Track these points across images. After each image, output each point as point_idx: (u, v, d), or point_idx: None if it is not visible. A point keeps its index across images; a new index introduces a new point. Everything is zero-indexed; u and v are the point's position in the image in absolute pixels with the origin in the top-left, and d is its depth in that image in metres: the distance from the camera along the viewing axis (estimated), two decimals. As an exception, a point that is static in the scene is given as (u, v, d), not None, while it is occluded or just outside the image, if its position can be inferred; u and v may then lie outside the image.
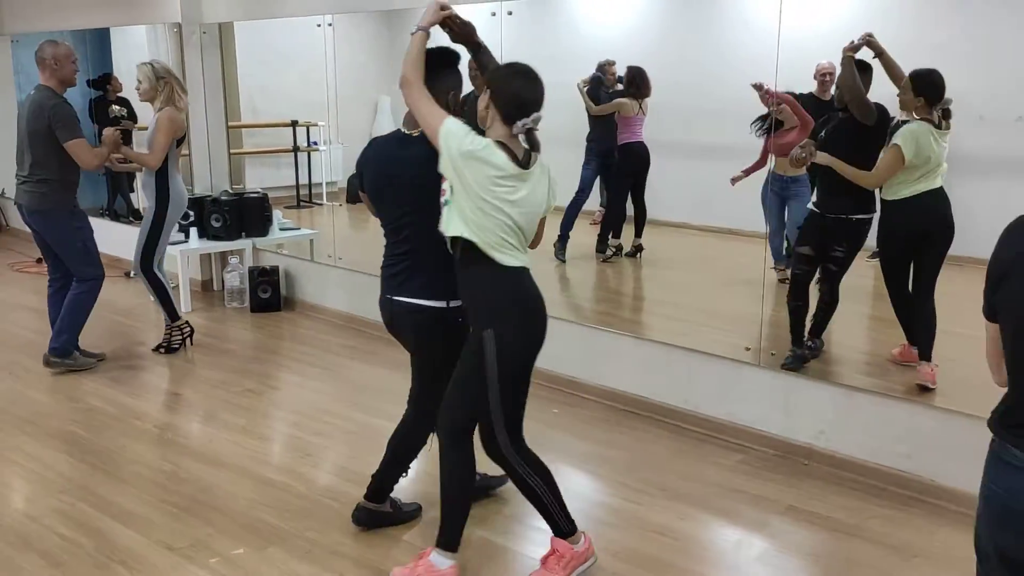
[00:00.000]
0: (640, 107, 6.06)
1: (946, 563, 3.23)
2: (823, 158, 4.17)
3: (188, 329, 5.57)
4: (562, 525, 3.05)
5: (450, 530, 2.99)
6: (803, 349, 4.38)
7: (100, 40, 8.69)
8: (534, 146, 2.81)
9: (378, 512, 3.39)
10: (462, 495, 3.01)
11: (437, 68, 2.93)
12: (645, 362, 4.61)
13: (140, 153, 5.30)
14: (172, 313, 5.49)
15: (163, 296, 5.42)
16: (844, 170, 4.14)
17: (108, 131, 5.12)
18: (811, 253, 4.38)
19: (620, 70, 6.16)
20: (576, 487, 3.76)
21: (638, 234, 6.31)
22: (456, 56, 3.03)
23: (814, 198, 4.45)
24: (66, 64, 4.93)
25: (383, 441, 3.36)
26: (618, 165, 6.31)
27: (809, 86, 4.90)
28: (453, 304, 3.01)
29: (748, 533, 3.48)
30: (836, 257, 4.32)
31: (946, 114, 4.05)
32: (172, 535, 3.36)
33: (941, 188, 4.12)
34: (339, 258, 6.47)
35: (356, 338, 5.87)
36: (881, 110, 4.10)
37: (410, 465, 3.40)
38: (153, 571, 3.13)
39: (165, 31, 7.04)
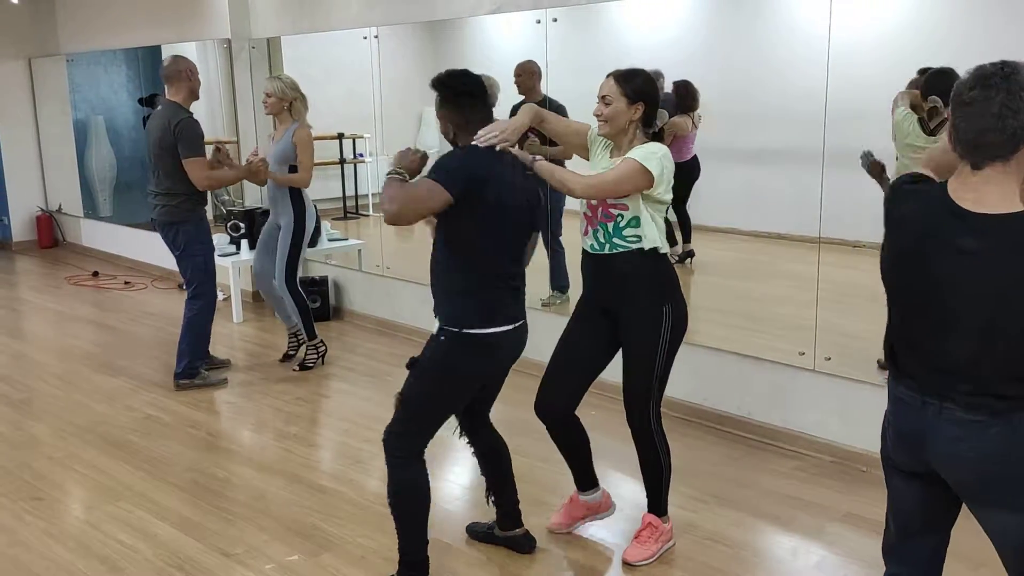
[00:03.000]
0: (693, 122, 6.02)
1: (1013, 572, 3.14)
2: None
3: (323, 348, 5.56)
4: (663, 503, 3.30)
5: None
6: None
7: (152, 58, 8.88)
8: None
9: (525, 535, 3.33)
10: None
11: (468, 97, 2.93)
12: (697, 368, 4.56)
13: (291, 176, 5.28)
14: (310, 332, 5.47)
15: (305, 314, 5.44)
16: None
17: (270, 174, 5.22)
18: None
19: (668, 76, 6.09)
20: (628, 494, 3.72)
21: (687, 240, 6.26)
22: (481, 87, 2.96)
23: None
24: (195, 77, 5.02)
25: (431, 447, 3.34)
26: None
27: (859, 92, 4.81)
28: None
29: (805, 540, 3.42)
30: None
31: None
32: (228, 541, 3.40)
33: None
34: (387, 268, 6.51)
35: (403, 346, 5.88)
36: None
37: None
38: (210, 576, 3.17)
39: (215, 47, 7.18)
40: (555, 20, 4.99)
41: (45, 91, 9.41)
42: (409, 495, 2.97)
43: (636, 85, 3.01)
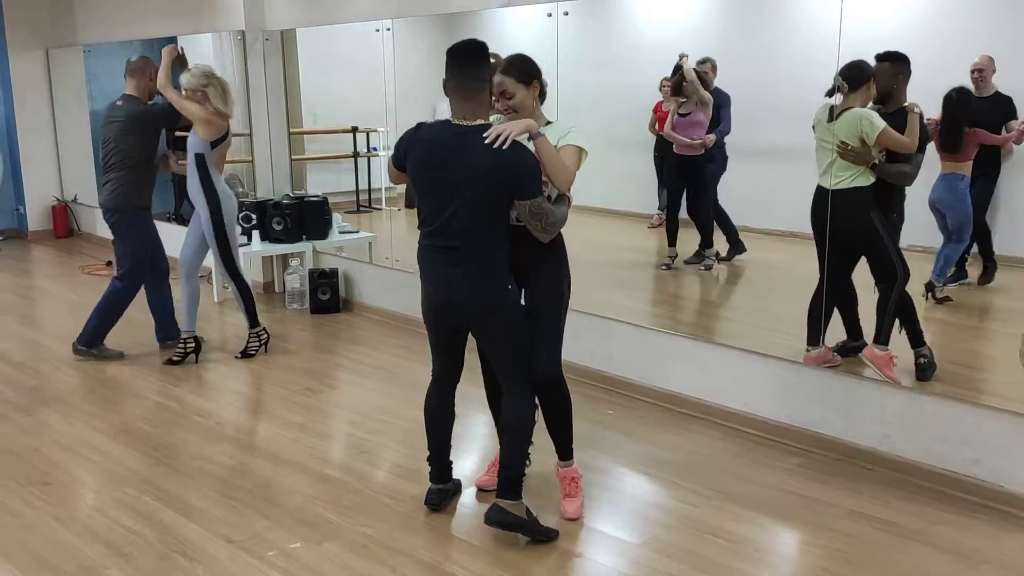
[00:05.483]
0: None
1: (1015, 571, 3.12)
2: None
3: (265, 336, 5.61)
4: (571, 447, 3.51)
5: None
6: None
7: (168, 50, 8.93)
8: None
9: (511, 514, 3.21)
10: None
11: (480, 60, 3.11)
12: (702, 364, 4.55)
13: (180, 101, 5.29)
14: (253, 319, 5.51)
15: (247, 299, 5.45)
16: None
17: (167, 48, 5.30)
18: None
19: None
20: (631, 488, 3.73)
21: (671, 243, 6.03)
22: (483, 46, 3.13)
23: None
24: (153, 82, 5.25)
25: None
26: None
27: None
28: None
29: (808, 537, 3.41)
30: None
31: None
32: (231, 528, 3.43)
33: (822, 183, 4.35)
34: (396, 260, 6.53)
35: (412, 338, 5.90)
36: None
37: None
38: (212, 562, 3.19)
39: (230, 39, 7.21)
40: (566, 13, 4.99)
41: (62, 82, 9.48)
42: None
43: (524, 68, 3.22)
